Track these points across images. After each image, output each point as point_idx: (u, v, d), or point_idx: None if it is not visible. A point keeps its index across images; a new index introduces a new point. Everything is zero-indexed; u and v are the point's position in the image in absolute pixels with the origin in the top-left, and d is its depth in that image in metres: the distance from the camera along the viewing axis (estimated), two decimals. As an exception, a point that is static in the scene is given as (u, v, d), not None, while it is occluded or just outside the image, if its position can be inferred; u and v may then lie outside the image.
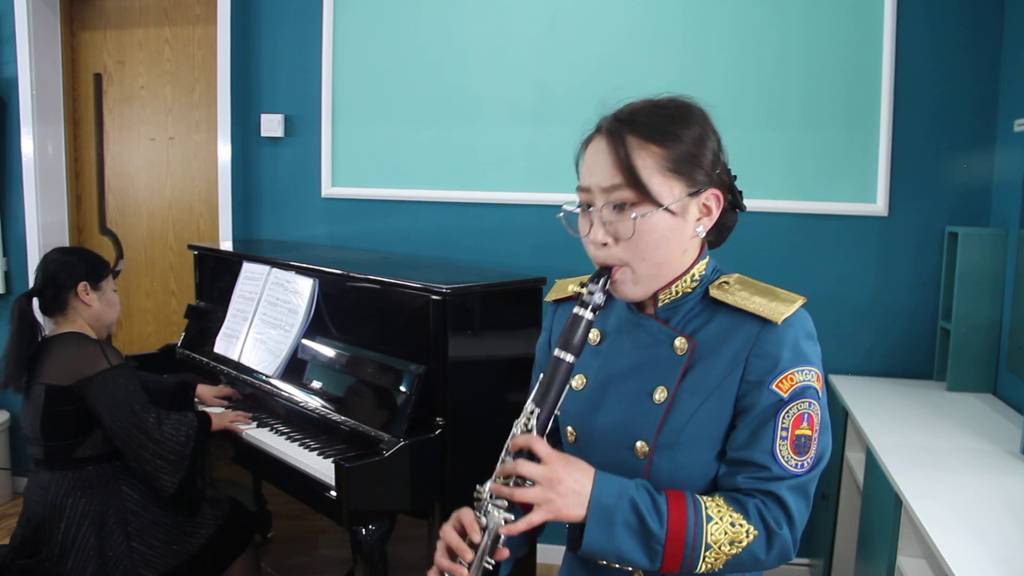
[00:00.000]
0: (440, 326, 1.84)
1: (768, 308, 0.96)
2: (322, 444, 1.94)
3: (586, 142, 1.02)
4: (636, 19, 2.62)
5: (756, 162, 2.57)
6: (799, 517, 0.95)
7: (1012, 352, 2.17)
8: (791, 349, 0.95)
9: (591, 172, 0.98)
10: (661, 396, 0.99)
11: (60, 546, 1.85)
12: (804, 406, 0.95)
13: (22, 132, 3.10)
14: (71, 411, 1.88)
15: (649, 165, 0.95)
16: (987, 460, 1.76)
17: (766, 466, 0.94)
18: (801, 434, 0.94)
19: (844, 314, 2.57)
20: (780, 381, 0.94)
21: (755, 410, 0.95)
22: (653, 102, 1.01)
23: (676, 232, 0.98)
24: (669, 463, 0.98)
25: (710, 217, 1.02)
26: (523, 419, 0.95)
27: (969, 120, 2.46)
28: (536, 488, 0.91)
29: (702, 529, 0.91)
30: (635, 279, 0.98)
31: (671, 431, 0.98)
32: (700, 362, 0.98)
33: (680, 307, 1.03)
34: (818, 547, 2.52)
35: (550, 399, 0.95)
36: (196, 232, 3.21)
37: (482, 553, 0.93)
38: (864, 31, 2.48)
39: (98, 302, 2.02)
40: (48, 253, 2.04)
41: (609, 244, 0.97)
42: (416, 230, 2.85)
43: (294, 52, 2.90)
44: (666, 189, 0.96)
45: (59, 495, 1.88)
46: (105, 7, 3.20)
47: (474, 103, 2.76)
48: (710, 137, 1.01)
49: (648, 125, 0.97)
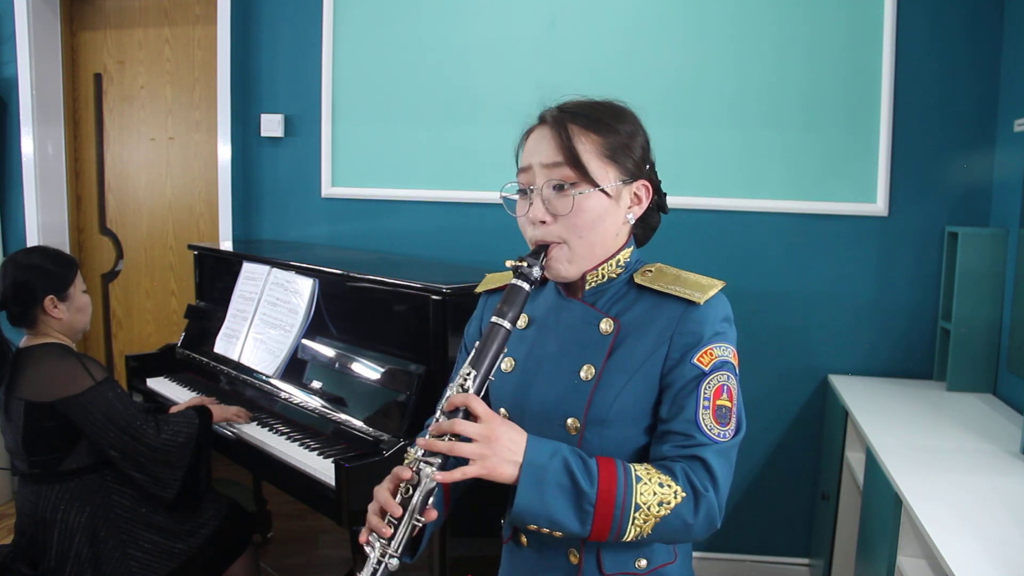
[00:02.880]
0: (440, 326, 1.84)
1: (690, 291, 1.03)
2: (322, 444, 1.94)
3: (527, 132, 1.11)
4: (636, 19, 2.62)
5: (756, 162, 2.57)
6: (723, 481, 0.99)
7: (1012, 352, 2.17)
8: (711, 327, 1.02)
9: (534, 153, 1.06)
10: (588, 374, 1.03)
11: (56, 559, 1.83)
12: (723, 378, 1.01)
13: (22, 132, 3.10)
14: (53, 427, 1.82)
15: (589, 150, 1.03)
16: (987, 460, 1.76)
17: (690, 435, 0.99)
18: (722, 404, 1.00)
19: (844, 314, 2.57)
20: (701, 355, 1.01)
21: (679, 383, 1.01)
22: (591, 100, 1.09)
23: (610, 214, 1.05)
24: (599, 438, 1.03)
25: (640, 206, 1.09)
26: (458, 380, 0.97)
27: (969, 120, 2.46)
28: (473, 444, 0.92)
29: (632, 488, 0.94)
30: (570, 257, 1.04)
31: (600, 407, 1.02)
32: (625, 342, 1.04)
33: (605, 291, 1.09)
34: (818, 547, 2.52)
35: (486, 362, 0.98)
36: (196, 232, 3.21)
37: (412, 510, 0.93)
38: (864, 31, 2.48)
39: (67, 312, 1.92)
40: (8, 259, 1.92)
41: (548, 222, 1.03)
42: (416, 230, 2.85)
43: (294, 52, 2.89)
44: (603, 172, 1.04)
45: (48, 508, 1.84)
46: (105, 7, 3.20)
47: (474, 103, 2.76)
48: (640, 134, 1.10)
49: (588, 116, 1.05)
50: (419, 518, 0.94)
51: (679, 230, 2.56)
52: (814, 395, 2.62)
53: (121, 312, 3.33)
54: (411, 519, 0.93)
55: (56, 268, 1.92)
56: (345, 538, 2.70)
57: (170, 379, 2.54)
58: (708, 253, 2.60)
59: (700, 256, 2.60)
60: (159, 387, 2.48)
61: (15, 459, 1.89)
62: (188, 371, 2.58)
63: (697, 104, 2.57)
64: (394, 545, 0.93)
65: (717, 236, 2.60)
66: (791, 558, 2.71)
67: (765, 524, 2.70)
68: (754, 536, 2.71)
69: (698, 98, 2.58)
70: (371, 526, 0.94)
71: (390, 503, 0.93)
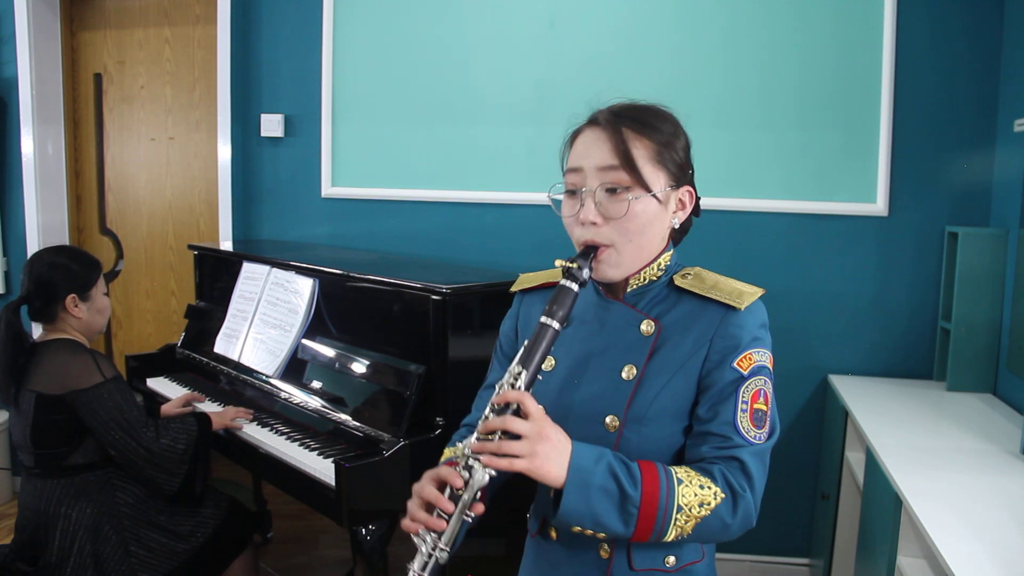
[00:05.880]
0: (440, 326, 1.84)
1: (731, 296, 1.04)
2: (322, 444, 1.94)
3: (576, 132, 1.10)
4: (635, 19, 2.62)
5: (756, 162, 2.56)
6: (759, 481, 1.01)
7: (1012, 352, 2.17)
8: (750, 332, 1.04)
9: (586, 155, 1.05)
10: (630, 374, 1.05)
11: (57, 555, 1.84)
12: (760, 383, 1.03)
13: (22, 132, 3.10)
14: (62, 420, 1.84)
15: (642, 154, 1.04)
16: (987, 460, 1.76)
17: (728, 436, 1.01)
18: (758, 408, 1.02)
19: (844, 314, 2.58)
20: (741, 360, 1.02)
21: (717, 385, 1.02)
22: (638, 103, 1.10)
23: (659, 219, 1.06)
24: (637, 436, 1.04)
25: (684, 212, 1.10)
26: (509, 378, 0.99)
27: (969, 120, 2.46)
28: (523, 442, 0.94)
29: (674, 491, 0.97)
30: (618, 260, 1.05)
31: (640, 406, 1.04)
32: (666, 343, 1.06)
33: (646, 293, 1.10)
34: (818, 547, 2.52)
35: (535, 361, 0.98)
36: (196, 232, 3.21)
37: (463, 506, 0.96)
38: (864, 31, 2.48)
39: (87, 312, 1.95)
40: (35, 255, 1.97)
41: (599, 224, 1.03)
42: (416, 230, 2.85)
43: (294, 52, 2.89)
44: (655, 177, 1.05)
45: (52, 503, 1.86)
46: (105, 7, 3.20)
47: (474, 103, 2.76)
48: (682, 137, 1.11)
49: (640, 120, 1.06)
50: (469, 513, 0.97)
51: (679, 230, 2.56)
52: (814, 395, 2.62)
53: (121, 312, 3.33)
54: (462, 514, 0.96)
55: (81, 268, 1.96)
56: (345, 538, 2.70)
57: (170, 379, 2.54)
58: (708, 253, 2.60)
59: (700, 256, 2.56)
60: (159, 387, 2.48)
61: (22, 453, 1.91)
62: (188, 371, 2.58)
63: (696, 104, 2.57)
64: (445, 539, 0.96)
65: (717, 236, 2.60)
66: (791, 558, 2.71)
67: (765, 524, 2.66)
68: (754, 536, 2.68)
69: (697, 98, 2.58)
70: (421, 520, 0.97)
71: (441, 499, 0.96)
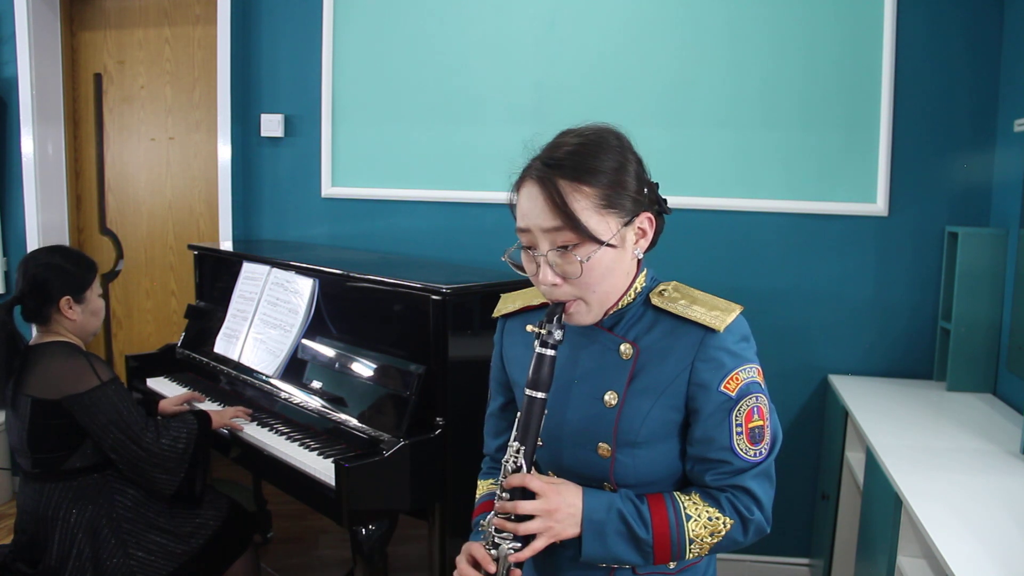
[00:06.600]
0: (440, 326, 1.84)
1: (709, 316, 1.03)
2: (322, 444, 1.94)
3: (517, 185, 1.06)
4: (636, 19, 2.62)
5: (755, 162, 2.56)
6: (766, 500, 1.05)
7: (1012, 352, 2.17)
8: (732, 353, 1.03)
9: (530, 215, 1.02)
10: (612, 400, 1.06)
11: (56, 558, 1.83)
12: (752, 401, 1.04)
13: (22, 132, 3.10)
14: (59, 424, 1.83)
15: (584, 206, 0.98)
16: (987, 460, 1.76)
17: (728, 462, 1.03)
18: (754, 426, 1.04)
19: (844, 314, 2.57)
20: (727, 383, 1.03)
21: (707, 410, 1.03)
22: (574, 139, 1.03)
23: (618, 261, 1.04)
24: (632, 460, 1.06)
25: (646, 238, 1.07)
26: (510, 457, 1.04)
27: (969, 120, 2.46)
28: (536, 520, 1.02)
29: (683, 528, 1.02)
30: (588, 309, 1.05)
31: (628, 432, 1.05)
32: (646, 367, 1.06)
33: (623, 316, 1.09)
34: (818, 547, 2.52)
35: (531, 435, 1.04)
36: (196, 232, 3.21)
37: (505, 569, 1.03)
38: (864, 31, 2.48)
39: (81, 315, 1.93)
40: (30, 255, 1.94)
41: (559, 284, 1.02)
42: (416, 230, 2.85)
43: (294, 52, 2.89)
44: (603, 226, 1.00)
45: (50, 507, 1.85)
46: (105, 7, 3.20)
47: (474, 103, 2.76)
48: (630, 163, 1.04)
49: (577, 168, 0.99)
50: None
51: (679, 230, 2.55)
52: (814, 395, 2.62)
53: (121, 312, 3.33)
54: None
55: (76, 270, 1.94)
56: (345, 538, 2.69)
57: (170, 379, 2.54)
58: (708, 253, 2.60)
59: (700, 256, 2.60)
60: (159, 387, 2.48)
61: (19, 456, 1.89)
62: (188, 371, 2.58)
63: (697, 104, 2.57)
64: None
65: (717, 236, 2.60)
66: (791, 558, 2.71)
67: (765, 524, 2.69)
68: (754, 536, 2.71)
69: (697, 98, 2.58)
70: None
71: (487, 559, 1.03)
